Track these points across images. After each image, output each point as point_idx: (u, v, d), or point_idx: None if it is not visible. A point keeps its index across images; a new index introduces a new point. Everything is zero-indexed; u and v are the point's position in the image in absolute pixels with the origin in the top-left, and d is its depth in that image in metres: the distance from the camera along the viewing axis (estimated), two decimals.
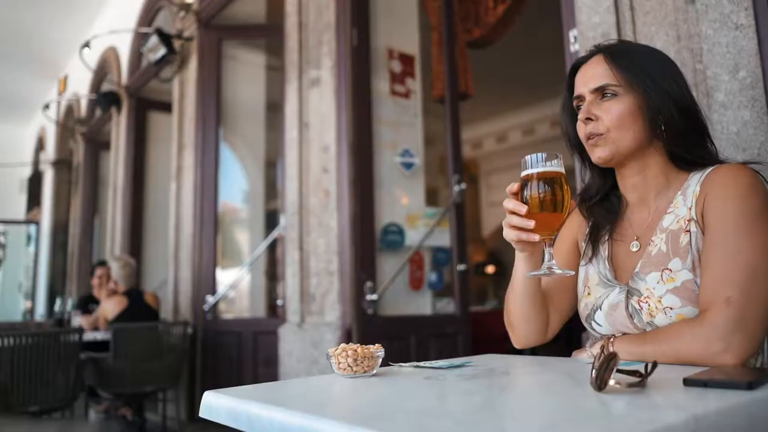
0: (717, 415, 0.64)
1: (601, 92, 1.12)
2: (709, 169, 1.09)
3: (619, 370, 0.77)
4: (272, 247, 5.20)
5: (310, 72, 3.74)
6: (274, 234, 4.89)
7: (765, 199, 1.01)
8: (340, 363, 1.00)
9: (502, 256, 11.70)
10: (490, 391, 0.82)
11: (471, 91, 4.16)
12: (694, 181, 1.09)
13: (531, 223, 1.02)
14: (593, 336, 1.22)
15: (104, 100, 6.95)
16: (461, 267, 3.67)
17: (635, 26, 2.09)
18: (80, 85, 9.28)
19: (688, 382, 0.76)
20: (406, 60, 3.88)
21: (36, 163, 11.22)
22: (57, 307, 4.29)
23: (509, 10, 4.11)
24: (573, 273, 1.12)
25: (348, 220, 3.39)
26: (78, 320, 4.26)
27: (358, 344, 1.02)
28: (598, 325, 1.16)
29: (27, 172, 12.25)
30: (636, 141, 1.10)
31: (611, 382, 0.74)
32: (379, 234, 3.51)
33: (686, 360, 0.94)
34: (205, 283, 4.95)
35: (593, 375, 0.75)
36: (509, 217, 1.06)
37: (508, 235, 1.08)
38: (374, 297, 3.33)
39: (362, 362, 1.00)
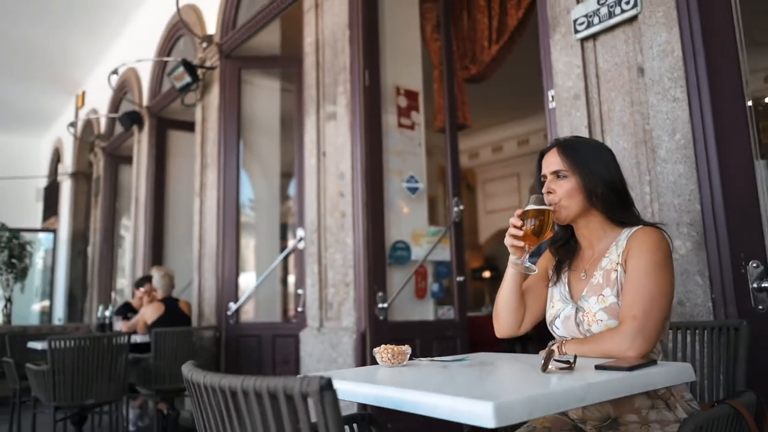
0: (604, 383, 1.15)
1: (556, 174, 1.64)
2: (635, 229, 1.61)
3: (556, 360, 1.29)
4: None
5: (327, 107, 4.26)
6: (291, 248, 5.40)
7: (666, 253, 1.53)
8: (382, 357, 1.52)
9: (497, 261, 12.21)
10: (480, 372, 1.33)
11: (468, 122, 4.68)
12: (623, 236, 1.61)
13: (521, 234, 1.58)
14: (556, 337, 1.73)
15: (127, 119, 7.46)
16: (459, 279, 4.19)
17: (600, 91, 2.61)
18: (98, 100, 9.80)
19: (597, 367, 1.28)
20: (411, 96, 4.41)
21: (54, 174, 11.71)
22: (99, 313, 4.80)
23: (502, 49, 4.62)
24: (537, 270, 1.69)
25: (362, 238, 3.90)
26: (119, 325, 4.78)
27: (394, 345, 1.54)
28: (557, 329, 1.68)
29: (43, 181, 12.76)
30: (579, 208, 1.62)
31: (551, 366, 1.26)
32: (388, 250, 4.03)
33: (608, 355, 1.45)
34: (228, 290, 5.47)
35: (541, 363, 1.27)
36: (511, 229, 1.60)
37: (507, 240, 1.63)
38: (385, 305, 3.85)
39: (397, 356, 1.52)
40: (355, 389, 1.22)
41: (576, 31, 2.65)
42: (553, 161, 1.65)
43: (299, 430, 0.93)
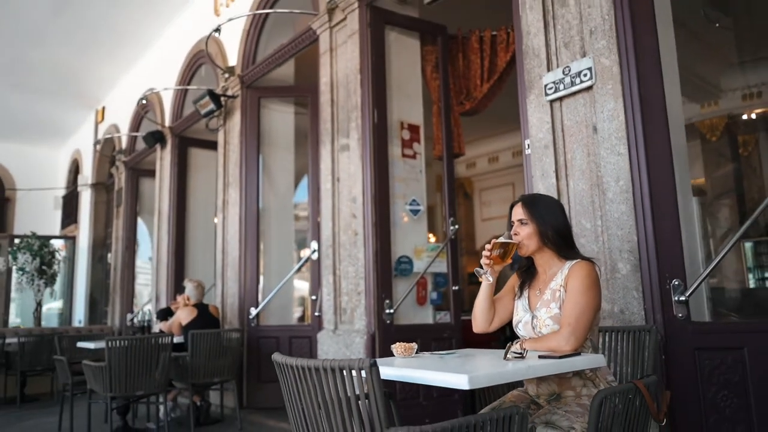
0: (540, 366, 1.83)
1: (520, 221, 2.31)
2: (574, 262, 2.27)
3: (513, 352, 1.96)
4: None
5: (341, 140, 4.94)
6: (305, 258, 6.07)
7: (594, 279, 2.20)
8: (398, 351, 2.20)
9: None
10: (463, 360, 2.01)
11: (463, 150, 5.36)
12: (566, 267, 2.28)
13: (489, 255, 2.24)
14: (519, 336, 2.40)
15: (151, 138, 8.13)
16: (455, 288, 4.86)
17: (564, 143, 3.28)
18: (117, 116, 10.48)
19: (540, 356, 1.96)
20: (414, 129, 5.08)
21: (74, 184, 12.37)
22: (140, 316, 5.46)
23: (493, 87, 5.31)
24: (492, 280, 2.32)
25: (371, 253, 4.58)
26: (158, 326, 5.46)
27: (405, 342, 2.22)
28: (520, 330, 2.35)
29: (61, 190, 13.43)
30: (536, 246, 2.29)
31: (509, 356, 1.94)
32: (394, 263, 4.71)
33: (552, 349, 2.12)
34: (249, 297, 6.15)
35: (504, 354, 1.94)
36: (484, 251, 2.26)
37: (482, 259, 2.27)
38: (391, 311, 4.53)
39: (408, 350, 2.19)
40: (384, 370, 1.90)
41: (546, 94, 3.33)
42: (518, 212, 2.33)
43: (349, 393, 1.60)
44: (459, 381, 1.63)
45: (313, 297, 5.69)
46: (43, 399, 7.51)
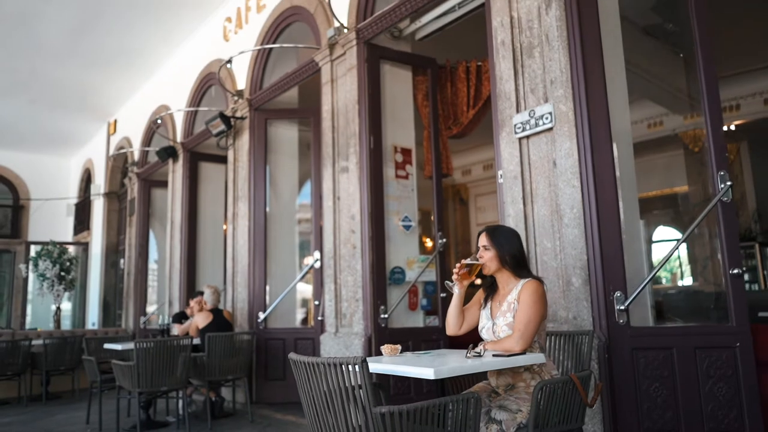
0: (491, 362, 2.41)
1: (484, 247, 2.90)
2: (526, 280, 2.85)
3: (473, 351, 2.54)
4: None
5: (341, 162, 5.53)
6: (309, 267, 6.65)
7: (540, 294, 2.77)
8: (385, 351, 2.79)
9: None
10: (435, 358, 2.59)
11: (451, 171, 5.95)
12: (520, 284, 2.85)
13: (459, 272, 2.82)
14: (483, 339, 2.98)
15: (164, 153, 8.72)
16: (443, 295, 5.44)
17: (531, 175, 3.86)
18: (129, 129, 11.08)
19: (494, 355, 2.54)
20: (406, 152, 5.67)
21: (86, 192, 12.96)
22: (160, 320, 6.02)
23: (478, 113, 5.89)
24: (459, 292, 2.89)
25: (368, 264, 5.16)
26: (175, 329, 6.06)
27: (392, 344, 2.81)
28: (483, 334, 2.93)
29: (73, 197, 14.03)
30: (496, 267, 2.87)
31: (469, 355, 2.52)
32: (388, 273, 5.29)
33: (506, 350, 2.69)
34: (258, 302, 6.73)
35: (466, 353, 2.53)
36: (454, 269, 2.83)
37: (453, 275, 2.85)
38: (386, 315, 5.11)
39: (394, 350, 2.78)
40: (373, 365, 2.48)
41: (515, 132, 3.91)
42: (483, 239, 2.91)
43: (347, 383, 2.19)
44: (427, 372, 2.21)
45: (316, 302, 6.27)
46: (65, 396, 8.10)
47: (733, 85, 10.21)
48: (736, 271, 3.27)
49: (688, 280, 10.70)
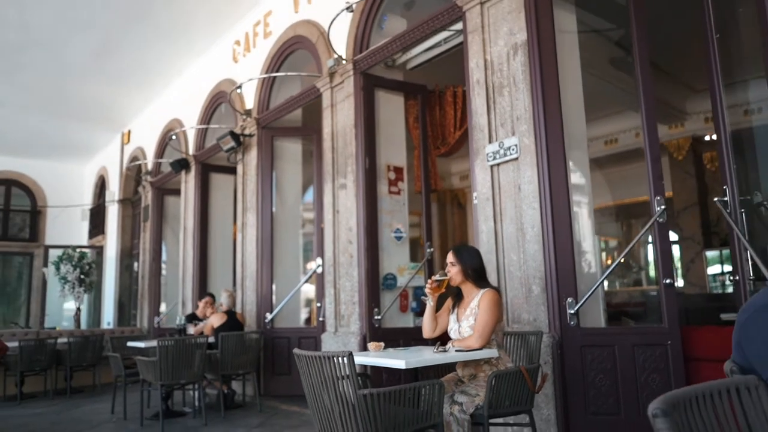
0: (453, 355, 3.06)
1: (451, 263, 3.54)
2: (485, 290, 3.49)
3: (440, 347, 3.19)
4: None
5: (340, 180, 6.18)
6: (311, 272, 7.30)
7: (495, 301, 3.41)
8: (370, 347, 3.44)
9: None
10: (409, 353, 3.24)
11: (439, 187, 6.60)
12: (480, 293, 3.49)
13: (430, 285, 3.47)
14: (451, 338, 3.62)
15: (177, 165, 9.40)
16: None
17: (501, 198, 4.50)
18: (142, 139, 11.75)
19: (456, 350, 3.19)
20: (398, 170, 6.31)
21: (100, 198, 13.66)
22: (178, 320, 6.65)
23: (464, 134, 6.53)
24: (432, 303, 3.54)
25: (364, 271, 5.81)
26: (191, 329, 6.73)
27: (377, 342, 3.46)
28: (451, 334, 3.57)
29: (88, 204, 14.73)
30: (461, 280, 3.51)
31: (437, 350, 3.17)
32: (381, 279, 5.94)
33: (467, 346, 3.33)
34: (265, 303, 7.39)
35: (434, 349, 3.18)
36: (426, 284, 3.48)
37: (426, 289, 3.50)
38: (379, 317, 5.76)
39: (378, 347, 3.43)
40: (360, 359, 3.13)
41: (488, 160, 4.55)
42: (450, 256, 3.55)
43: (338, 373, 2.84)
44: (399, 363, 2.86)
45: (318, 304, 6.93)
46: (86, 390, 8.79)
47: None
48: (668, 281, 3.90)
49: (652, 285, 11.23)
